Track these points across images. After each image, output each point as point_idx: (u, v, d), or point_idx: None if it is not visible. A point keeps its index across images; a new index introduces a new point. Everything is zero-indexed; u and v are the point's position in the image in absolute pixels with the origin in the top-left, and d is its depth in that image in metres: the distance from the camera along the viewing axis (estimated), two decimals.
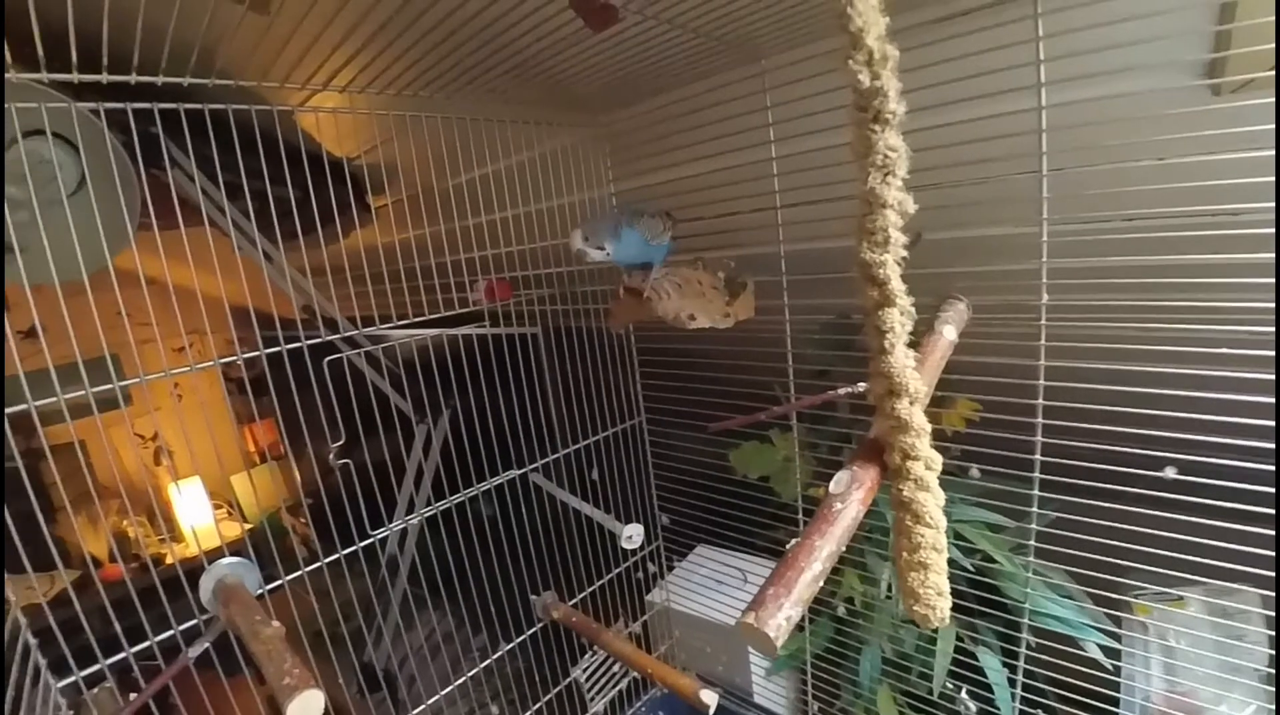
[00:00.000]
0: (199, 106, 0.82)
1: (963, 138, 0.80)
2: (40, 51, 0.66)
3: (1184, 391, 0.74)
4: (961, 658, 1.09)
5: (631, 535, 1.35)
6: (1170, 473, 0.79)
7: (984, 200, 0.85)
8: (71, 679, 0.78)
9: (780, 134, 1.04)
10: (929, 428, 0.58)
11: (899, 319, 0.54)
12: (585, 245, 1.00)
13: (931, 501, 0.58)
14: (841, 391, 0.71)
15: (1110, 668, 0.99)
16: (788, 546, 0.54)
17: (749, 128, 1.04)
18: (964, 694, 1.09)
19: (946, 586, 0.60)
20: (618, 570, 1.46)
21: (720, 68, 1.05)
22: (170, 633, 0.84)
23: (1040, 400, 0.86)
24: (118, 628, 0.78)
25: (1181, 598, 0.98)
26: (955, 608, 0.62)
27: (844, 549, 0.56)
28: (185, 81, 0.77)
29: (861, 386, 0.62)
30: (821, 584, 0.53)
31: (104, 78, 0.72)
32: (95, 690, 0.80)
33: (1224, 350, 0.71)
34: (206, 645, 0.83)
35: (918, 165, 0.53)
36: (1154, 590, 0.98)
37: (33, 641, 0.74)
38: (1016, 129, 0.79)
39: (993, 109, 0.79)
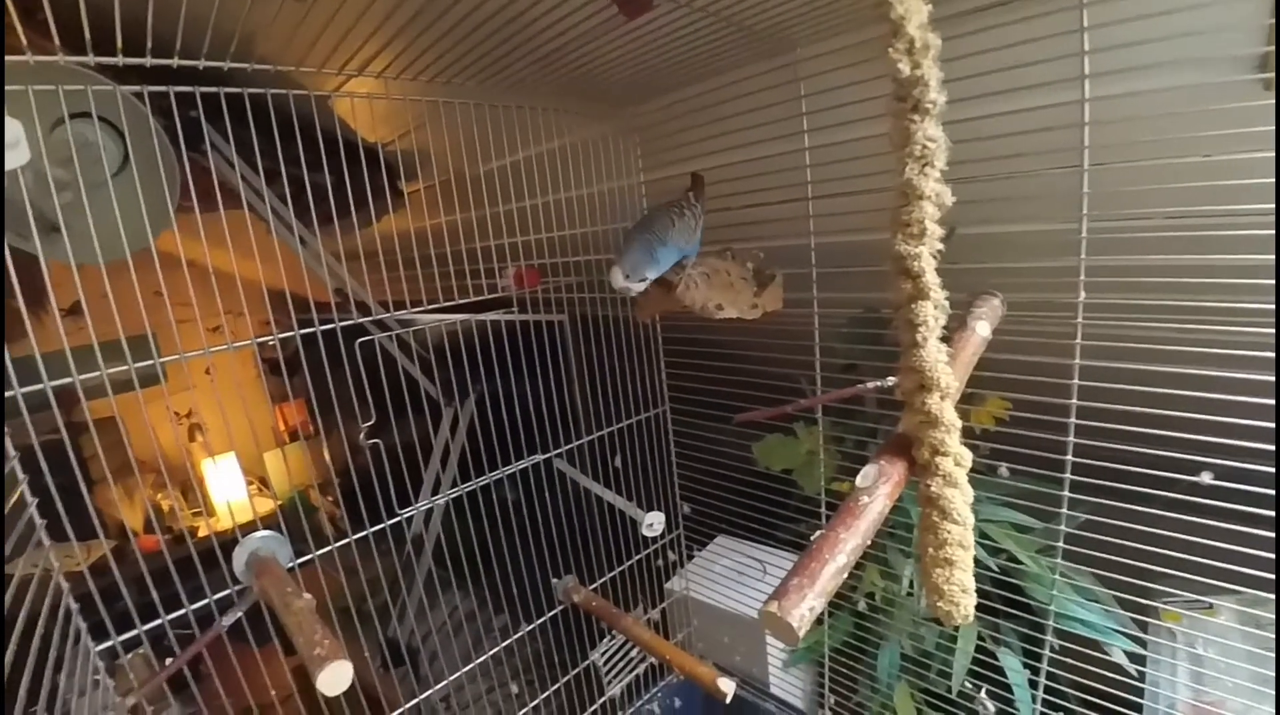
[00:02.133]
0: (239, 91, 0.84)
1: (1002, 130, 0.78)
2: (87, 34, 0.68)
3: (1223, 395, 0.72)
4: (982, 657, 1.09)
5: (652, 523, 1.36)
6: (1206, 478, 0.77)
7: (1022, 195, 0.83)
8: (109, 643, 0.81)
9: (813, 124, 1.02)
10: (959, 424, 0.57)
11: (932, 313, 0.54)
12: (628, 282, 0.97)
13: (959, 498, 0.57)
14: (869, 386, 0.71)
15: (1135, 674, 0.97)
16: (812, 538, 0.54)
17: (781, 118, 1.03)
18: (983, 694, 1.08)
19: (971, 584, 0.59)
20: (638, 557, 1.47)
21: (753, 58, 1.04)
22: (205, 602, 0.87)
23: (1074, 400, 0.84)
24: (154, 595, 0.81)
25: (1212, 606, 0.96)
26: (978, 607, 0.61)
27: (868, 544, 0.56)
28: (226, 66, 0.79)
29: (890, 381, 0.62)
30: (845, 577, 0.53)
31: (148, 61, 0.73)
32: (130, 656, 0.83)
33: (1267, 353, 0.69)
34: (239, 615, 0.85)
35: (954, 158, 0.52)
36: (1185, 597, 0.96)
37: (74, 606, 0.77)
38: (1058, 122, 0.77)
39: (1035, 101, 0.77)
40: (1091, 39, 0.74)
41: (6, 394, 0.70)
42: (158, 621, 0.83)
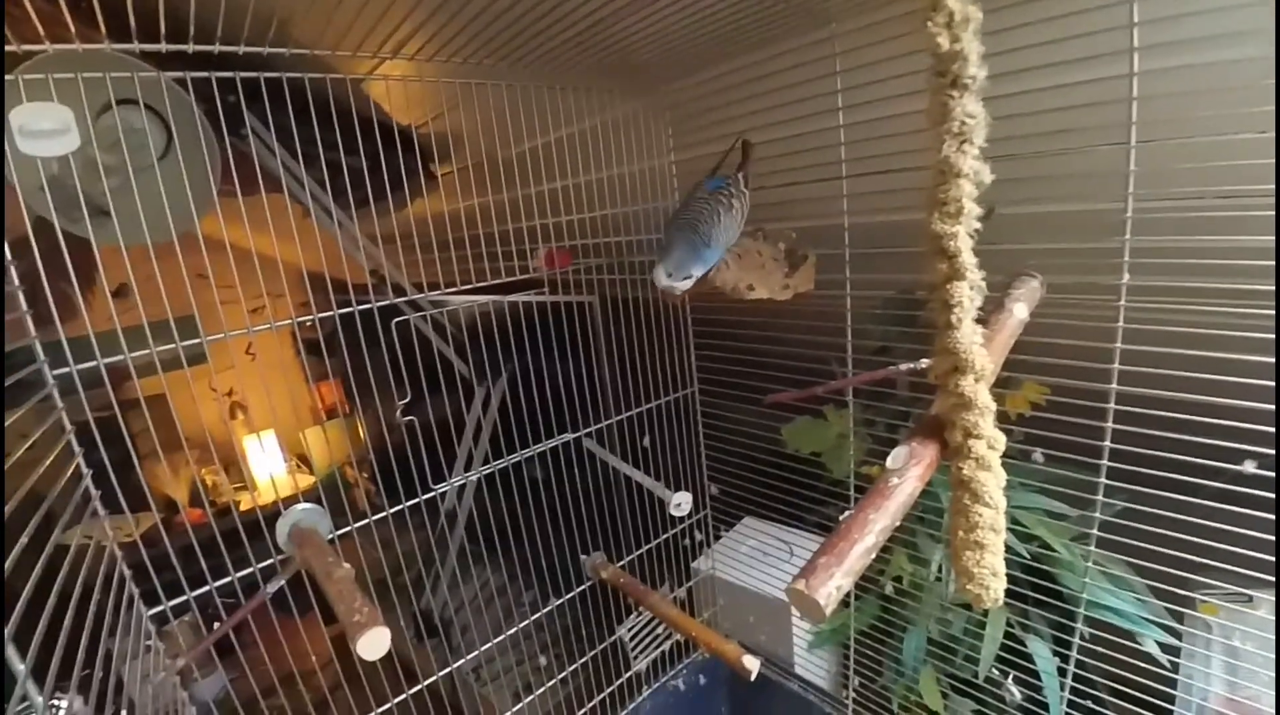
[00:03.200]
0: (277, 75, 0.85)
1: (1045, 106, 0.76)
2: (131, 22, 0.70)
3: (1270, 382, 0.70)
4: (1010, 644, 1.08)
5: (680, 503, 1.37)
6: (1250, 467, 0.75)
7: (1064, 173, 0.81)
8: (160, 608, 0.85)
9: (848, 101, 1.00)
10: (994, 407, 0.57)
11: (968, 293, 0.53)
12: (671, 281, 0.94)
13: (992, 481, 0.57)
14: (902, 368, 0.70)
15: (1167, 665, 0.96)
16: (841, 518, 0.54)
17: (815, 94, 1.01)
18: (1010, 681, 1.07)
19: (1002, 568, 0.59)
20: (665, 536, 1.49)
21: (786, 33, 1.02)
22: (249, 570, 0.90)
23: (1114, 385, 0.82)
24: (203, 564, 0.85)
25: (1251, 599, 0.93)
26: (1007, 594, 0.61)
27: (896, 525, 0.56)
28: (265, 51, 0.80)
29: (924, 363, 0.61)
30: (873, 558, 0.53)
31: (190, 47, 0.75)
32: (177, 622, 0.87)
33: None
34: (282, 582, 0.89)
35: (994, 134, 0.51)
36: (1224, 589, 0.94)
37: (127, 573, 0.81)
38: (1104, 98, 0.75)
39: (1079, 76, 0.74)
40: (1141, 10, 0.71)
41: (63, 371, 0.74)
42: (205, 588, 0.87)
